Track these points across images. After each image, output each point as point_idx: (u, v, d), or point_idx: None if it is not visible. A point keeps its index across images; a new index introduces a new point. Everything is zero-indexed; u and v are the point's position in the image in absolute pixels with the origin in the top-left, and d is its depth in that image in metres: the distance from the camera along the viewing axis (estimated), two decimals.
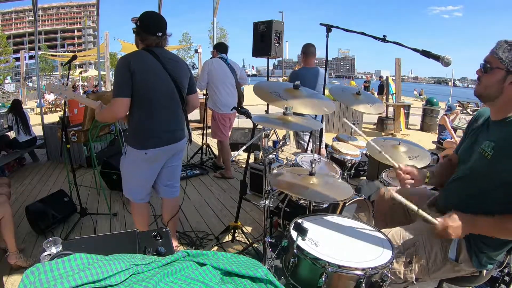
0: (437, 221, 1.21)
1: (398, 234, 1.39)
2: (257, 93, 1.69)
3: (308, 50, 3.47)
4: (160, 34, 1.84)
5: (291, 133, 4.60)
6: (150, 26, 1.84)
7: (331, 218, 1.45)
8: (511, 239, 1.23)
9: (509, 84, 1.17)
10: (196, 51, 12.43)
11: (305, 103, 1.68)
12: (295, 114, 1.54)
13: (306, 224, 1.25)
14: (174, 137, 1.99)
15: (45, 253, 1.02)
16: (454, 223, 1.18)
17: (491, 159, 1.20)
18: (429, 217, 1.22)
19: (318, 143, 3.24)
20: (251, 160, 3.36)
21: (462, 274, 1.35)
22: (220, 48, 3.80)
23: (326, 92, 2.99)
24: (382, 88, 12.29)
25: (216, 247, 2.46)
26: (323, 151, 3.42)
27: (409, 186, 1.44)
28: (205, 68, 3.72)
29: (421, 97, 19.95)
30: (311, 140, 3.48)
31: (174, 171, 2.18)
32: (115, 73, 1.81)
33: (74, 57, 3.11)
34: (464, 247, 1.29)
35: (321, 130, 3.14)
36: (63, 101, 3.17)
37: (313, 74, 3.42)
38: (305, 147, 3.54)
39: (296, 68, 6.24)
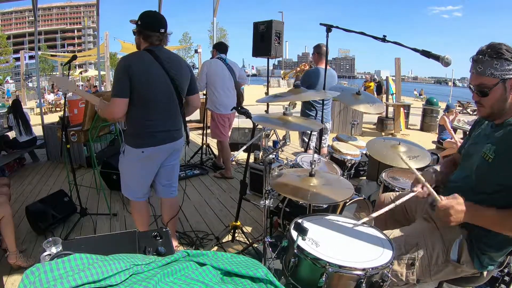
0: (441, 198, 1.16)
1: (400, 235, 1.38)
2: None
3: (321, 50, 3.46)
4: (162, 30, 1.86)
5: (291, 133, 4.61)
6: (152, 23, 1.86)
7: (331, 218, 1.45)
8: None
9: (510, 90, 1.17)
10: (196, 51, 12.41)
11: (309, 94, 1.68)
12: (308, 103, 1.52)
13: (306, 224, 1.25)
14: (171, 137, 2.00)
15: (45, 253, 1.02)
16: (458, 206, 1.13)
17: (492, 162, 1.20)
18: (434, 193, 1.19)
19: (319, 143, 3.24)
20: (251, 160, 3.35)
21: (463, 275, 1.35)
22: (220, 48, 3.80)
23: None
24: (380, 88, 12.28)
25: (216, 247, 2.45)
26: (325, 150, 3.42)
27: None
28: (203, 69, 3.72)
29: (421, 97, 19.95)
30: (315, 139, 3.47)
31: (172, 170, 2.19)
32: (115, 74, 1.83)
33: (74, 57, 3.11)
34: (465, 248, 1.28)
35: (321, 129, 3.14)
36: (63, 101, 3.17)
37: (329, 74, 3.41)
38: (308, 146, 3.54)
39: (302, 68, 6.20)
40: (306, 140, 3.63)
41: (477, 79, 1.20)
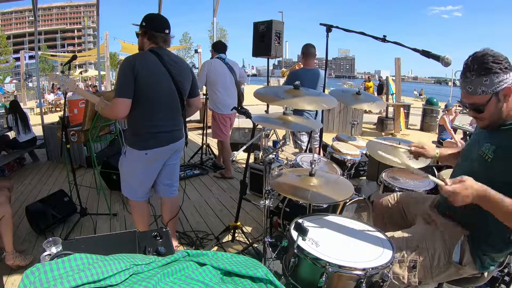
0: (447, 184, 1.09)
1: (400, 238, 1.38)
2: (258, 97, 1.70)
3: (307, 51, 3.45)
4: (167, 31, 1.89)
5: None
6: (158, 24, 1.88)
7: (331, 218, 1.45)
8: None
9: (504, 99, 1.17)
10: (196, 51, 12.39)
11: (306, 100, 1.68)
12: (295, 112, 1.55)
13: (307, 224, 1.25)
14: (173, 137, 2.01)
15: (45, 253, 1.02)
16: (464, 191, 1.07)
17: (491, 162, 1.20)
18: (437, 180, 1.15)
19: (318, 143, 3.23)
20: (251, 160, 3.36)
21: (464, 276, 1.35)
22: (217, 48, 3.78)
23: (326, 92, 2.99)
24: (381, 88, 12.27)
25: (216, 247, 2.45)
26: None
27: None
28: (204, 68, 3.72)
29: (421, 97, 19.94)
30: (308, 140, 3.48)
31: (173, 169, 2.20)
32: (119, 73, 1.81)
33: (74, 57, 3.11)
34: (467, 250, 1.28)
35: (321, 130, 3.14)
36: (63, 101, 3.17)
37: (312, 75, 3.42)
38: (303, 147, 3.54)
39: (296, 68, 6.24)
40: (299, 142, 3.64)
41: (470, 98, 1.20)
